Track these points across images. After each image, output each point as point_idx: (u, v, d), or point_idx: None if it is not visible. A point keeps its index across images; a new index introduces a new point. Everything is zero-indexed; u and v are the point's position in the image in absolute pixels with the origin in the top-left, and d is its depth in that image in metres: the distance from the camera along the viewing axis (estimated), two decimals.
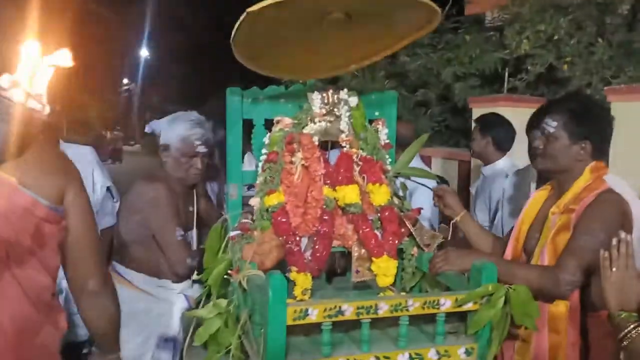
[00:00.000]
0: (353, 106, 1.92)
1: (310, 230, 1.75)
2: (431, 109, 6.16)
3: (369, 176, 1.89)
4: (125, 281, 2.36)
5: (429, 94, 6.08)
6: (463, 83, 5.69)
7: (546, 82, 5.61)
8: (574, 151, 1.79)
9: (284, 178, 1.82)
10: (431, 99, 6.11)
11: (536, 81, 5.48)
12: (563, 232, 1.73)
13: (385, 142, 2.00)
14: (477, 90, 5.66)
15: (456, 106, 5.77)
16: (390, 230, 1.82)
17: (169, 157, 2.39)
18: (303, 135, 1.86)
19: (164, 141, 2.40)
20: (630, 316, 1.32)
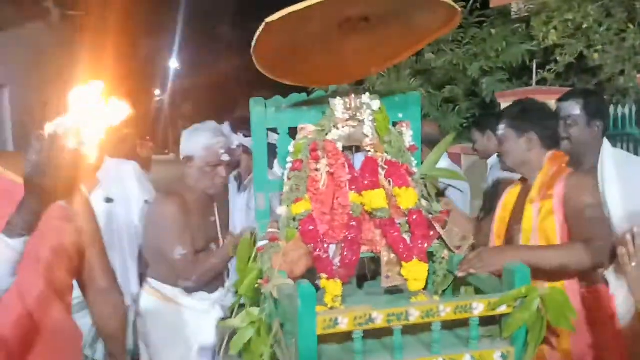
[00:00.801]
0: (375, 110, 1.90)
1: (338, 236, 1.74)
2: (459, 105, 6.08)
3: (394, 180, 1.86)
4: (160, 295, 2.39)
5: (456, 90, 6.00)
6: (490, 77, 5.60)
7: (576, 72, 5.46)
8: (522, 143, 2.04)
9: (310, 185, 1.81)
10: (459, 95, 6.02)
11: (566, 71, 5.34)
12: (549, 216, 1.91)
13: (411, 144, 1.97)
14: (505, 84, 5.55)
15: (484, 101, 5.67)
16: (419, 234, 1.80)
17: (193, 168, 2.41)
18: (327, 142, 1.85)
19: (187, 153, 2.42)
20: None
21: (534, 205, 1.95)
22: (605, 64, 4.86)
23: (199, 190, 2.42)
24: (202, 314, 2.40)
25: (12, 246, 1.11)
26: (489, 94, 5.46)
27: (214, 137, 2.39)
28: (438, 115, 5.97)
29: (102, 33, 7.65)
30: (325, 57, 1.84)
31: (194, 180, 2.42)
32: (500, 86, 5.49)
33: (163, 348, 2.37)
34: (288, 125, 1.97)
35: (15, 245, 1.12)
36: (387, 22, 1.74)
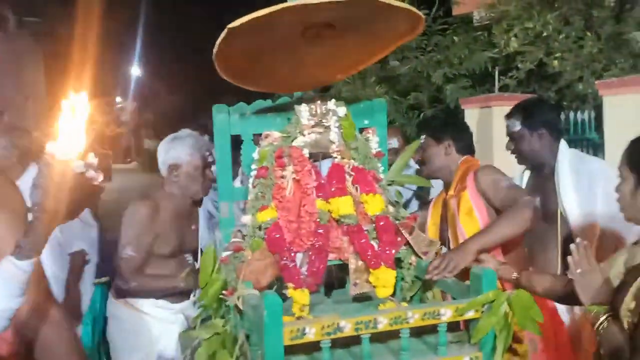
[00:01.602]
0: (342, 116, 1.90)
1: (305, 244, 1.73)
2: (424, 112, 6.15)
3: (362, 186, 1.86)
4: (123, 301, 2.39)
5: (421, 97, 6.07)
6: (454, 84, 5.68)
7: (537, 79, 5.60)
8: (441, 150, 2.30)
9: (276, 193, 1.79)
10: (423, 102, 6.09)
11: (527, 78, 5.47)
12: (467, 205, 2.16)
13: (377, 150, 1.97)
14: (468, 91, 5.65)
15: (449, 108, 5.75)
16: (387, 240, 1.80)
17: (180, 176, 2.43)
18: (293, 149, 1.84)
19: (172, 161, 2.43)
20: (601, 309, 1.47)
21: (453, 200, 2.19)
22: (564, 71, 4.99)
23: (185, 197, 2.45)
24: (164, 323, 2.39)
25: (21, 268, 1.19)
26: (453, 100, 5.54)
27: (196, 142, 2.43)
28: (404, 122, 6.03)
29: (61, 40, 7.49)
30: (290, 64, 1.82)
31: (181, 188, 2.44)
32: (463, 93, 5.58)
33: (123, 353, 2.39)
34: (252, 132, 1.96)
35: (24, 266, 1.20)
36: (351, 29, 1.74)
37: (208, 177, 2.47)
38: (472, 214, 2.13)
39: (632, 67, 4.57)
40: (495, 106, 4.69)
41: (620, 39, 4.66)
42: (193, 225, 2.54)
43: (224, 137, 1.93)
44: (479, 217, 2.12)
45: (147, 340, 2.36)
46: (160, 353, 2.38)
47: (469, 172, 2.21)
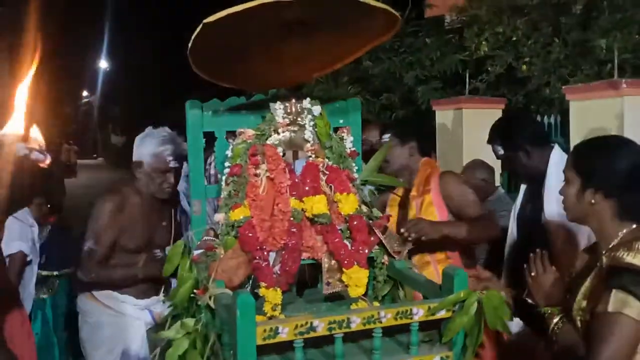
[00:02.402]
0: (317, 115, 1.90)
1: (278, 243, 1.72)
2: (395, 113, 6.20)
3: (336, 185, 1.86)
4: (90, 294, 2.42)
5: (393, 98, 6.11)
6: (425, 86, 5.74)
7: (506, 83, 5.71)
8: (405, 151, 2.42)
9: (249, 191, 1.78)
10: (395, 103, 6.14)
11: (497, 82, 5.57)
12: (429, 207, 2.31)
13: (351, 150, 1.98)
14: (439, 93, 5.72)
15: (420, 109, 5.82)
16: (360, 240, 1.80)
17: (142, 174, 2.44)
18: (267, 147, 1.83)
19: (136, 158, 2.45)
20: (555, 310, 1.57)
21: (416, 201, 2.34)
22: (532, 75, 5.11)
23: (149, 194, 2.46)
24: (129, 318, 2.42)
25: None
26: (425, 102, 5.60)
27: (162, 145, 2.42)
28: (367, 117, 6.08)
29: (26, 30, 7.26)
30: (265, 61, 1.82)
31: (143, 185, 2.46)
32: (435, 94, 5.65)
33: (89, 346, 2.43)
34: (226, 129, 1.95)
35: None
36: (327, 27, 1.74)
37: (167, 180, 2.45)
38: (434, 216, 2.28)
39: (596, 74, 4.71)
40: (466, 108, 4.76)
41: (586, 45, 4.79)
42: (164, 222, 2.54)
43: (197, 134, 1.92)
44: (439, 219, 2.28)
45: (110, 334, 2.39)
46: (125, 348, 2.39)
47: (433, 175, 2.36)
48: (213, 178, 3.26)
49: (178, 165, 2.46)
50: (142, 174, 2.44)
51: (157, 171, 2.42)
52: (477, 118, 4.63)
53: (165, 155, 2.41)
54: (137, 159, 2.44)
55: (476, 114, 4.71)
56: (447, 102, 5.05)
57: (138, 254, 2.43)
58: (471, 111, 4.74)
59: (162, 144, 2.42)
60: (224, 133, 1.96)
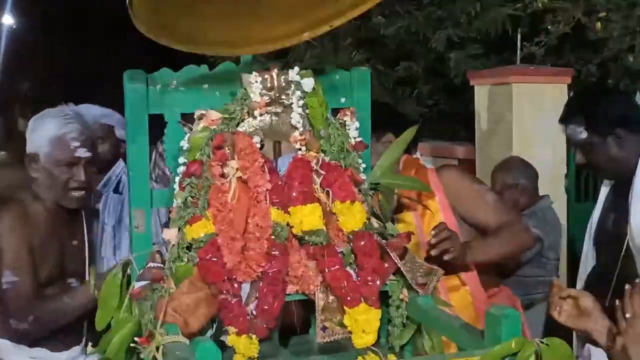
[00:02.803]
0: (308, 91, 1.90)
1: (254, 272, 1.72)
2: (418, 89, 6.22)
3: (335, 190, 1.87)
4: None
5: (415, 68, 6.14)
6: (460, 51, 5.77)
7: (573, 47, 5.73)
8: (379, 148, 2.48)
9: (213, 198, 1.78)
10: (418, 75, 6.17)
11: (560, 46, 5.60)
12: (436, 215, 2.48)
13: (357, 140, 1.99)
14: (479, 61, 5.74)
15: (452, 83, 5.84)
16: (369, 267, 1.80)
17: (39, 171, 2.40)
18: (238, 136, 1.83)
19: (30, 150, 2.41)
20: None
21: (414, 215, 2.49)
22: (610, 37, 5.13)
23: (51, 202, 2.42)
24: None
25: None
26: (459, 74, 5.62)
27: (65, 125, 2.38)
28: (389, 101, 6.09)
29: None
30: (238, 15, 1.82)
31: (42, 187, 2.41)
32: (473, 63, 5.67)
33: None
34: (181, 111, 1.96)
35: None
36: None
37: (76, 177, 2.42)
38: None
39: None
40: (517, 82, 4.78)
41: None
42: (74, 240, 2.54)
43: (139, 117, 1.92)
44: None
45: None
46: None
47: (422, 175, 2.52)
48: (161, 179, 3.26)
49: (89, 154, 2.43)
50: (39, 171, 2.41)
51: (60, 164, 2.39)
52: (533, 96, 4.66)
53: (68, 140, 2.38)
54: (31, 150, 2.42)
55: (531, 90, 4.74)
56: (491, 74, 5.07)
57: (50, 286, 2.43)
58: (524, 86, 4.77)
59: (63, 125, 2.39)
60: (178, 116, 1.97)
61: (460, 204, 2.45)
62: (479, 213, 2.45)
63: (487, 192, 2.50)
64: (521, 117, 4.65)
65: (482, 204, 2.45)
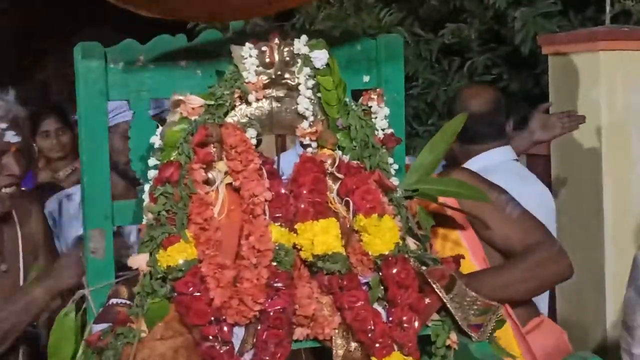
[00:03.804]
0: (320, 67, 1.93)
1: (250, 312, 1.74)
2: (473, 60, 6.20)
3: (357, 200, 1.89)
4: None
5: (466, 33, 6.12)
6: (529, 9, 5.74)
7: None
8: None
9: (195, 213, 1.80)
10: (470, 41, 6.15)
11: None
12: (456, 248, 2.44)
13: (386, 132, 2.01)
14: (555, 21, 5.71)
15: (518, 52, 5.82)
16: (404, 304, 1.82)
17: None
18: (228, 129, 1.85)
19: None
20: None
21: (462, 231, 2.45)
22: None
23: None
24: None
25: None
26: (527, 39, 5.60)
27: None
28: (433, 79, 6.08)
29: None
30: None
31: None
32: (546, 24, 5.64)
33: None
34: (151, 96, 1.98)
35: None
36: None
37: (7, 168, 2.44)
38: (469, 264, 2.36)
39: None
40: (606, 50, 4.76)
41: None
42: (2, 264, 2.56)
43: (96, 104, 1.94)
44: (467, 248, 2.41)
45: None
46: None
47: None
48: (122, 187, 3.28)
49: (18, 140, 2.46)
50: None
51: None
52: (628, 67, 4.63)
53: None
54: None
55: (626, 59, 4.71)
56: (571, 39, 5.05)
57: None
58: (616, 55, 4.74)
59: None
60: (148, 103, 1.99)
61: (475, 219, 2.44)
62: (499, 230, 2.44)
63: (510, 203, 2.48)
64: (612, 96, 4.62)
65: (503, 218, 2.44)
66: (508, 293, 2.33)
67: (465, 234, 2.42)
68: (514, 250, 2.40)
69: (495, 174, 2.73)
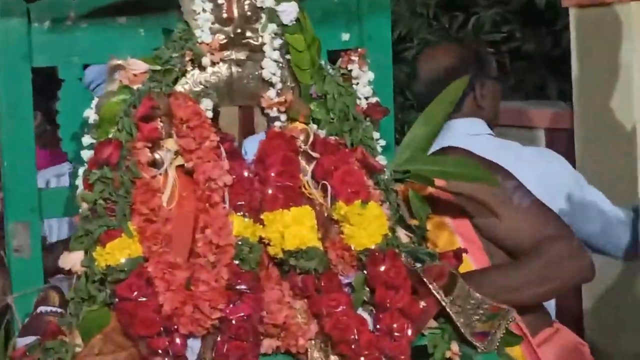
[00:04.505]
0: (289, 24, 1.93)
1: (207, 320, 1.74)
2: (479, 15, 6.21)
3: (337, 184, 1.90)
4: None
5: None
6: None
7: None
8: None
9: (140, 201, 1.80)
10: None
11: None
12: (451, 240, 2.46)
13: (370, 101, 2.02)
14: None
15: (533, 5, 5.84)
16: (394, 308, 1.83)
17: None
18: (178, 100, 1.86)
19: None
20: None
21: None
22: None
23: None
24: None
25: None
26: None
27: None
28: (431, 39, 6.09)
29: None
30: None
31: None
32: None
33: None
34: (83, 62, 2.00)
35: None
36: None
37: None
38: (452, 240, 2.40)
39: None
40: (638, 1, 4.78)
41: None
42: None
43: (19, 73, 1.95)
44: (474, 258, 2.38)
45: None
46: None
47: None
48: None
49: None
50: None
51: None
52: None
53: None
54: None
55: None
56: None
57: None
58: None
59: None
60: (79, 69, 2.00)
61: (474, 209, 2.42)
62: (506, 222, 2.41)
63: (518, 189, 2.46)
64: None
65: (508, 208, 2.41)
66: (516, 297, 2.27)
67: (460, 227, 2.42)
68: (523, 246, 2.38)
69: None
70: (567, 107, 5.15)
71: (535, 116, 5.50)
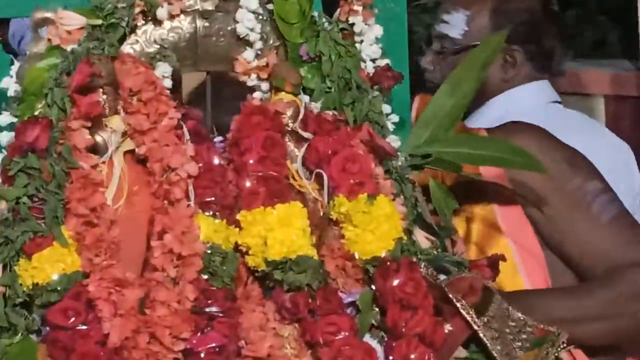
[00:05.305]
0: None
1: (168, 354, 1.72)
2: None
3: (336, 173, 1.87)
4: None
5: None
6: None
7: None
8: None
9: (77, 198, 1.77)
10: None
11: None
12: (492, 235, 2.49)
13: (379, 65, 1.99)
14: None
15: None
16: (412, 333, 1.80)
17: None
18: (125, 64, 1.83)
19: None
20: None
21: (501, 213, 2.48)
22: None
23: None
24: None
25: None
26: None
27: None
28: None
29: None
30: None
31: None
32: None
33: None
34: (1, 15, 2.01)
35: None
36: None
37: None
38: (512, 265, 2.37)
39: None
40: None
41: None
42: None
43: None
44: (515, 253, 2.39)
45: None
46: None
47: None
48: None
49: None
50: None
51: None
52: None
53: None
54: None
55: None
56: None
57: None
58: None
59: None
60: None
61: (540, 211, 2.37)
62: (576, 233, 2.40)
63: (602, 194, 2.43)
64: None
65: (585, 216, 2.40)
66: (577, 333, 2.19)
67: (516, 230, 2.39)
68: (596, 268, 2.35)
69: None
70: (632, 68, 5.17)
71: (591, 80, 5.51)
